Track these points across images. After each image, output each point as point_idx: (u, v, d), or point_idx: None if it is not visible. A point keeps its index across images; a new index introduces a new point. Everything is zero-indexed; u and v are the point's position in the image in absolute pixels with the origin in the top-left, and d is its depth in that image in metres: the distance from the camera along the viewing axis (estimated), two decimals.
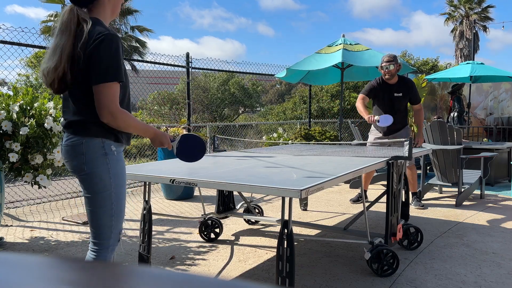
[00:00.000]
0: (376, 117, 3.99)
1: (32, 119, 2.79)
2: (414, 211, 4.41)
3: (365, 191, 4.82)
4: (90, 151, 1.68)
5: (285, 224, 1.98)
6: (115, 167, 1.73)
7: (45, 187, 3.02)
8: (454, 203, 4.83)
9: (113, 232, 1.77)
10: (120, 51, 1.66)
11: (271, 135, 7.18)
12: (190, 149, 1.99)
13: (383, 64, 4.33)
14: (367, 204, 3.24)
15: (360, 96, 4.47)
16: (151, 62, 6.37)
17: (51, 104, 2.92)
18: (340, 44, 6.26)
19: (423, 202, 4.91)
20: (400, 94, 4.36)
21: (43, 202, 5.07)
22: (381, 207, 4.41)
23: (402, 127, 4.49)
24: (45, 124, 2.80)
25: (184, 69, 6.54)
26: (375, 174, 5.66)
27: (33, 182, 2.93)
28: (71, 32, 1.64)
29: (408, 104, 4.57)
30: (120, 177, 1.75)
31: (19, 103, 2.81)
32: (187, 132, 2.01)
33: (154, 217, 2.87)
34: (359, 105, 4.38)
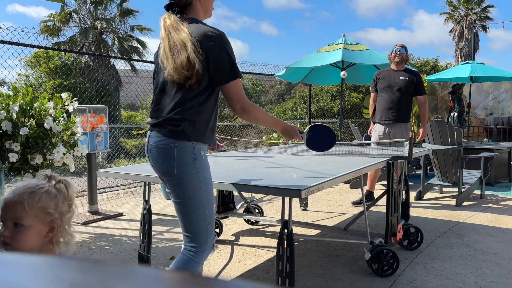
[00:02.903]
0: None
1: (32, 119, 2.79)
2: (414, 211, 4.41)
3: (371, 192, 4.81)
4: (181, 155, 1.65)
5: (285, 224, 1.98)
6: (204, 172, 1.71)
7: None
8: (454, 203, 4.83)
9: (209, 236, 1.75)
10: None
11: (271, 135, 7.18)
12: (321, 139, 2.05)
13: (396, 48, 4.58)
14: (367, 204, 3.24)
15: (371, 96, 4.79)
16: (151, 62, 6.36)
17: (50, 104, 2.92)
18: (340, 43, 6.26)
19: (423, 202, 4.91)
20: (407, 78, 4.48)
21: None
22: (381, 207, 4.41)
23: (402, 121, 4.50)
24: (45, 124, 2.79)
25: None
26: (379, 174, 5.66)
27: None
28: (180, 32, 1.65)
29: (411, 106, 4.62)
30: (209, 182, 1.73)
31: (19, 103, 2.80)
32: (314, 124, 2.10)
33: (154, 217, 2.86)
34: (370, 108, 4.85)
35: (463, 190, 4.89)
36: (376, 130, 4.65)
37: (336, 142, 2.17)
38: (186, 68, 1.60)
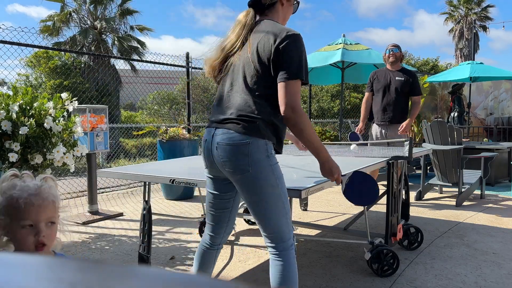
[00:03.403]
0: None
1: (31, 119, 2.79)
2: (414, 211, 4.41)
3: None
4: (256, 152, 1.61)
5: None
6: (277, 169, 1.68)
7: None
8: (454, 203, 4.83)
9: (291, 231, 1.73)
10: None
11: None
12: (359, 189, 1.82)
13: (389, 48, 4.55)
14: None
15: (365, 95, 4.74)
16: (151, 62, 6.37)
17: (50, 104, 2.92)
18: (340, 43, 6.27)
19: (424, 202, 4.91)
20: (402, 79, 4.45)
21: None
22: (381, 207, 4.41)
23: (398, 122, 4.47)
24: (45, 124, 2.79)
25: (184, 69, 6.54)
26: (377, 174, 5.66)
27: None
28: (252, 28, 1.70)
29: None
30: (282, 177, 1.70)
31: (18, 103, 2.80)
32: (358, 170, 1.93)
33: (154, 217, 2.87)
34: (362, 107, 4.74)
35: (463, 190, 4.89)
36: (373, 131, 4.67)
37: (336, 142, 2.15)
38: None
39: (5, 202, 1.08)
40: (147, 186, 2.62)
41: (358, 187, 1.83)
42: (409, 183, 3.84)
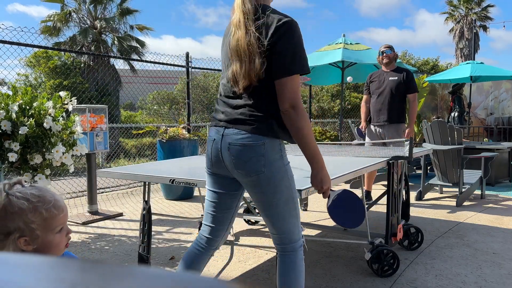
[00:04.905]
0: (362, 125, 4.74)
1: (31, 118, 2.79)
2: (414, 211, 4.41)
3: (369, 192, 4.83)
4: (270, 152, 1.55)
5: None
6: (290, 170, 1.64)
7: None
8: (454, 203, 4.83)
9: (300, 231, 1.71)
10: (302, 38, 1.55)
11: None
12: (345, 210, 1.73)
13: (381, 50, 4.58)
14: (367, 205, 3.24)
15: (363, 98, 4.81)
16: (150, 62, 6.37)
17: (50, 104, 2.92)
18: (340, 43, 6.27)
19: (424, 202, 4.91)
20: (396, 78, 4.47)
21: None
22: (381, 207, 4.41)
23: (395, 122, 4.48)
24: (44, 124, 2.79)
25: (184, 69, 6.54)
26: (376, 174, 5.66)
27: (31, 182, 2.92)
28: (255, 23, 1.54)
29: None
30: (293, 179, 1.66)
31: (18, 103, 2.80)
32: (348, 189, 1.79)
33: (154, 217, 2.86)
34: (361, 109, 4.82)
35: (463, 190, 4.89)
36: (369, 132, 4.69)
37: (336, 142, 2.13)
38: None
39: (38, 217, 1.07)
40: (147, 186, 2.62)
41: (345, 207, 1.73)
42: (409, 183, 3.83)
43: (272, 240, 1.73)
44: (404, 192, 3.35)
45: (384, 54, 4.51)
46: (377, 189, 5.65)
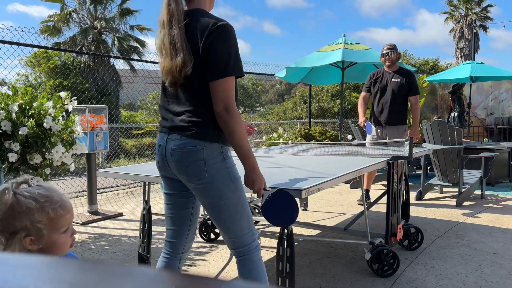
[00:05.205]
0: (362, 121, 4.54)
1: (31, 118, 2.79)
2: (414, 211, 4.41)
3: (368, 191, 4.84)
4: (210, 156, 1.57)
5: None
6: (234, 170, 1.64)
7: None
8: (454, 203, 4.83)
9: (254, 233, 1.71)
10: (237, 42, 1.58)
11: (271, 135, 7.18)
12: (279, 209, 1.71)
13: (383, 52, 4.55)
14: (367, 204, 3.24)
15: (361, 94, 4.72)
16: (150, 62, 6.37)
17: (50, 104, 2.92)
18: (340, 43, 6.26)
19: (424, 202, 4.91)
20: (398, 80, 4.46)
21: None
22: (381, 207, 4.41)
23: (395, 124, 4.48)
24: (44, 124, 2.79)
25: None
26: (376, 174, 5.66)
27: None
28: (181, 23, 1.56)
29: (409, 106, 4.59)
30: (239, 179, 1.66)
31: (18, 103, 2.80)
32: (284, 189, 1.72)
33: (154, 217, 2.87)
34: (358, 105, 4.70)
35: (463, 190, 4.89)
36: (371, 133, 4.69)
37: (336, 142, 2.13)
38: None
39: (45, 217, 1.07)
40: (147, 186, 2.62)
41: (278, 207, 1.71)
42: (409, 183, 3.83)
43: (227, 245, 1.72)
44: (404, 192, 3.35)
45: (387, 57, 4.50)
46: (377, 189, 5.65)
